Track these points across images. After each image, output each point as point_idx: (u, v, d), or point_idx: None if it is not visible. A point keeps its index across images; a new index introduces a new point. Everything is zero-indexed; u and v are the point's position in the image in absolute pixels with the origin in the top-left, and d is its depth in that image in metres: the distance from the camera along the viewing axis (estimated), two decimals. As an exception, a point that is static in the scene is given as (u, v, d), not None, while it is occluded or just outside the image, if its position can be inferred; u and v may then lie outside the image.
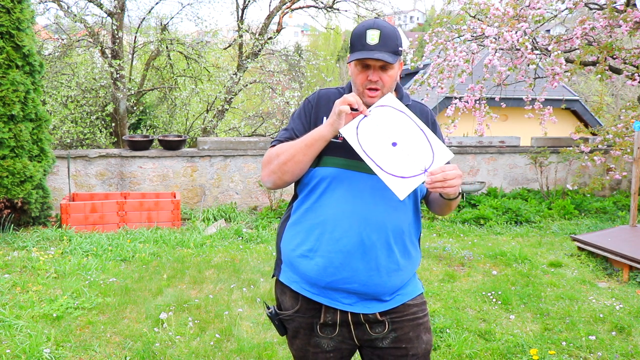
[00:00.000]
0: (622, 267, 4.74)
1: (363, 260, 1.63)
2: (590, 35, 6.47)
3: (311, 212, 1.69)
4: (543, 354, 3.23)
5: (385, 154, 1.54)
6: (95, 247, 5.27)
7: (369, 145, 1.55)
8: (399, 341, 1.72)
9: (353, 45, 1.66)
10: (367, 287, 1.65)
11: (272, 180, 1.69)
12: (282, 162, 1.65)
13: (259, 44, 10.88)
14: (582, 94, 18.17)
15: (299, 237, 1.71)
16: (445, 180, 1.48)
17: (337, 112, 1.56)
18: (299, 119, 1.77)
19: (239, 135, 11.42)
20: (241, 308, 3.92)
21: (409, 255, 1.73)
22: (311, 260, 1.67)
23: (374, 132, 1.57)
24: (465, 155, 8.21)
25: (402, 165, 1.53)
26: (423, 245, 5.65)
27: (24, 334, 3.31)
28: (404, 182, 1.51)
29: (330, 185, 1.66)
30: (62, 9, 9.93)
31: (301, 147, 1.62)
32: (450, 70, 6.96)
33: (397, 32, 1.65)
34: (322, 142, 1.61)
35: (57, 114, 9.24)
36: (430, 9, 68.14)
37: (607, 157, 7.70)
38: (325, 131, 1.60)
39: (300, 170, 1.66)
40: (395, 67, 1.67)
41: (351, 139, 1.56)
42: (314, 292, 1.70)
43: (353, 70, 1.68)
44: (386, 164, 1.53)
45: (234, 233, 6.13)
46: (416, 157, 1.55)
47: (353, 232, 1.62)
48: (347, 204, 1.63)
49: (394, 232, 1.66)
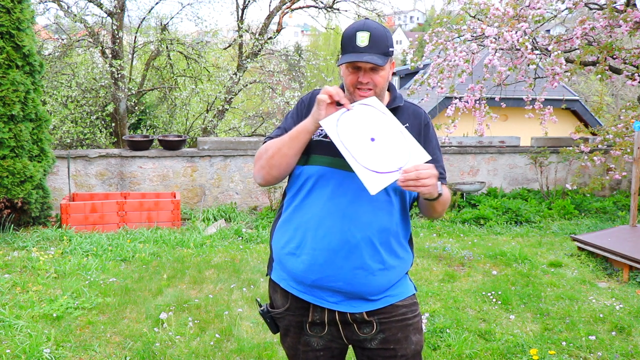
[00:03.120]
0: (622, 267, 4.74)
1: (347, 258, 1.64)
2: (590, 35, 6.47)
3: (298, 210, 1.71)
4: (543, 354, 3.23)
5: (362, 147, 1.55)
6: (95, 247, 5.27)
7: (347, 137, 1.56)
8: (387, 342, 1.73)
9: (344, 47, 1.67)
10: (352, 286, 1.66)
11: (261, 176, 1.72)
12: (270, 156, 1.68)
13: (259, 44, 10.88)
14: (582, 94, 18.17)
15: (287, 235, 1.73)
16: (418, 179, 1.48)
17: (317, 102, 1.58)
18: (291, 118, 1.79)
19: (239, 135, 11.42)
20: (241, 308, 3.92)
21: (395, 255, 1.73)
22: (297, 257, 1.69)
23: (353, 126, 1.59)
24: (465, 155, 8.21)
25: (377, 160, 1.54)
26: (423, 245, 5.65)
27: (24, 334, 3.31)
28: (378, 177, 1.51)
29: (316, 183, 1.68)
30: (62, 9, 9.94)
31: (286, 141, 1.65)
32: (450, 70, 6.96)
33: (387, 33, 1.67)
34: (305, 134, 1.63)
35: (57, 114, 9.23)
36: (430, 9, 68.17)
37: (607, 157, 7.69)
38: (307, 123, 1.63)
39: (286, 165, 1.68)
40: (386, 68, 1.68)
41: (330, 130, 1.57)
42: (300, 290, 1.72)
43: (344, 71, 1.70)
44: (362, 157, 1.53)
45: (234, 233, 6.13)
46: (393, 154, 1.55)
47: (337, 230, 1.63)
48: (332, 202, 1.65)
49: (379, 231, 1.67)
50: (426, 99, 8.01)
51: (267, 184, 1.74)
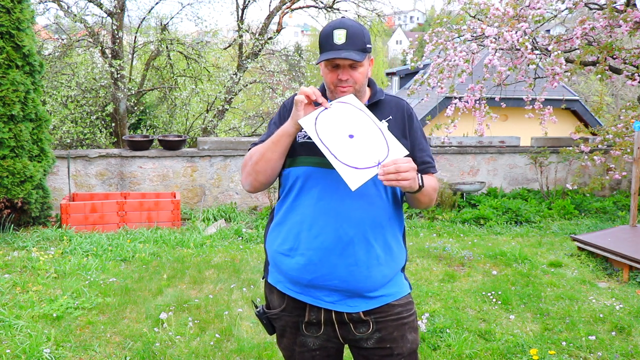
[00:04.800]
0: (622, 267, 4.74)
1: (341, 256, 1.65)
2: (590, 35, 6.47)
3: (290, 211, 1.72)
4: (543, 354, 3.23)
5: (341, 144, 1.56)
6: (95, 247, 5.27)
7: (325, 135, 1.58)
8: (384, 341, 1.73)
9: (321, 46, 1.69)
10: (348, 283, 1.66)
11: (249, 182, 1.74)
12: (254, 162, 1.70)
13: (259, 44, 10.88)
14: (582, 94, 18.17)
15: (281, 237, 1.74)
16: (398, 172, 1.48)
17: (294, 103, 1.60)
18: (275, 124, 1.80)
19: (239, 135, 11.42)
20: (241, 308, 3.92)
21: (390, 250, 1.74)
22: (292, 259, 1.69)
23: (332, 123, 1.60)
24: (465, 155, 8.21)
25: (356, 156, 1.55)
26: (423, 245, 5.65)
27: (24, 334, 3.31)
28: (357, 172, 1.52)
29: (305, 184, 1.69)
30: (62, 9, 9.94)
31: (269, 146, 1.67)
32: (450, 70, 6.96)
33: (364, 30, 1.69)
34: (287, 136, 1.65)
35: (57, 114, 9.23)
36: (430, 9, 68.18)
37: (607, 157, 7.69)
38: (287, 125, 1.65)
39: (272, 169, 1.69)
40: (365, 64, 1.69)
41: (309, 128, 1.58)
42: (297, 290, 1.72)
43: (324, 70, 1.71)
44: (341, 153, 1.54)
45: (234, 233, 6.13)
46: (371, 150, 1.57)
47: (330, 229, 1.64)
48: (323, 201, 1.66)
49: (372, 226, 1.68)
50: (426, 99, 8.02)
51: (255, 190, 1.76)
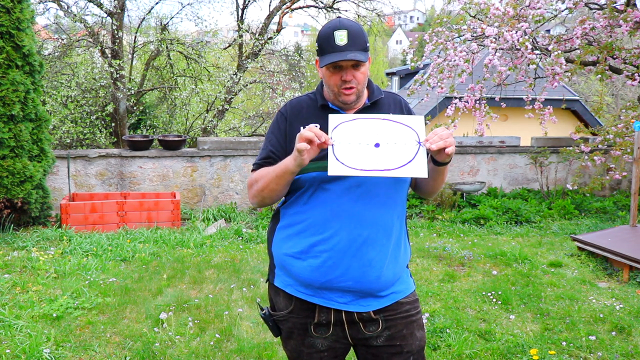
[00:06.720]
0: (622, 267, 4.74)
1: (355, 257, 1.65)
2: (590, 35, 6.47)
3: (300, 214, 1.71)
4: (543, 354, 3.23)
5: (377, 158, 1.54)
6: (95, 247, 5.27)
7: (359, 163, 1.54)
8: (393, 339, 1.74)
9: (322, 48, 1.65)
10: (361, 284, 1.67)
11: (256, 202, 1.76)
12: (260, 189, 1.69)
13: (259, 44, 10.88)
14: (582, 94, 18.16)
15: (291, 240, 1.72)
16: (443, 139, 1.53)
17: (297, 150, 1.53)
18: (273, 135, 1.77)
19: (239, 135, 11.42)
20: (241, 308, 3.92)
21: (399, 248, 1.75)
22: (304, 261, 1.68)
23: (352, 150, 1.55)
24: (465, 155, 8.21)
25: (398, 154, 1.54)
26: (423, 245, 5.65)
27: (24, 334, 3.31)
28: (414, 163, 1.53)
29: (316, 188, 1.68)
30: (62, 9, 9.93)
31: (273, 178, 1.65)
32: (450, 70, 6.96)
33: (362, 29, 1.68)
34: (290, 175, 1.61)
35: (57, 114, 9.22)
36: (430, 9, 68.17)
37: (607, 157, 7.69)
38: (291, 165, 1.58)
39: (277, 196, 1.70)
40: (366, 64, 1.68)
41: (343, 171, 1.54)
42: (308, 293, 1.71)
43: (325, 73, 1.68)
44: (387, 164, 1.53)
45: (234, 233, 6.13)
46: (402, 140, 1.56)
47: (343, 231, 1.64)
48: (335, 203, 1.65)
49: (384, 226, 1.68)
50: (426, 99, 8.01)
51: (263, 207, 1.79)
